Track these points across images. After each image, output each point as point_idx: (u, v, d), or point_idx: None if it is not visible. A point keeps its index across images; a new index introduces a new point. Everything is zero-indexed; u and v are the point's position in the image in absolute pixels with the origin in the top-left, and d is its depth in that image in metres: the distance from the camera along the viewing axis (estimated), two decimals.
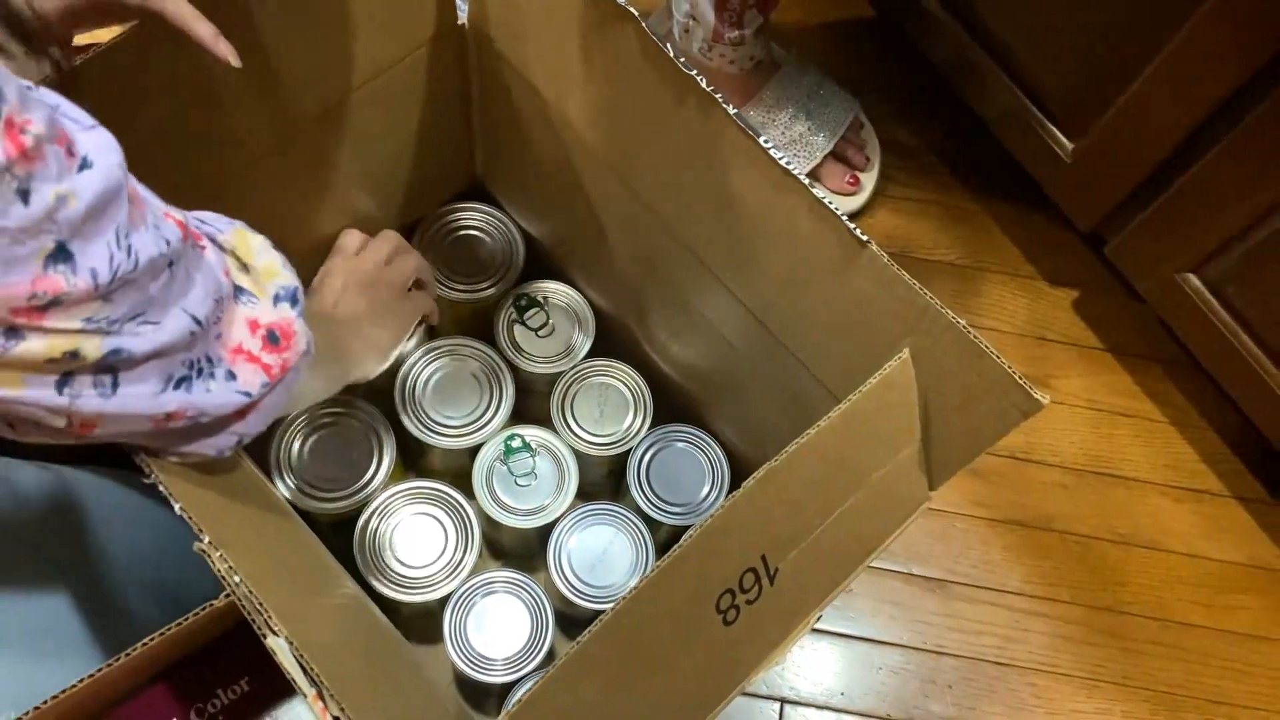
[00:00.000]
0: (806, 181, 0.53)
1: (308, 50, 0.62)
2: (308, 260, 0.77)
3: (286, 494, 0.76)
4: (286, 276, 0.51)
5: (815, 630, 0.93)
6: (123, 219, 0.37)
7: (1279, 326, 0.86)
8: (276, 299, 0.50)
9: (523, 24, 0.66)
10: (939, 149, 1.12)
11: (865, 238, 0.51)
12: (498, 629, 0.76)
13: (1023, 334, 1.05)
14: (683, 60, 0.55)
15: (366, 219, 0.78)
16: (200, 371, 0.45)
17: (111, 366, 0.40)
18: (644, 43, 0.56)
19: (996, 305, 1.06)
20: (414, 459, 0.86)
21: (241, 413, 0.48)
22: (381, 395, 0.80)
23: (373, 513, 0.77)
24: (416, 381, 0.81)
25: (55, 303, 0.35)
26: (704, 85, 0.54)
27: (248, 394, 0.47)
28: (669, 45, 1.02)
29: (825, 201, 0.53)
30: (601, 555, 0.79)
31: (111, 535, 0.56)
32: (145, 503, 0.60)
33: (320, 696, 0.42)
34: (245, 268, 0.49)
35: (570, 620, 0.82)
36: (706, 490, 0.80)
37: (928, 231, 1.08)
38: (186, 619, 0.44)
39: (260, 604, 0.45)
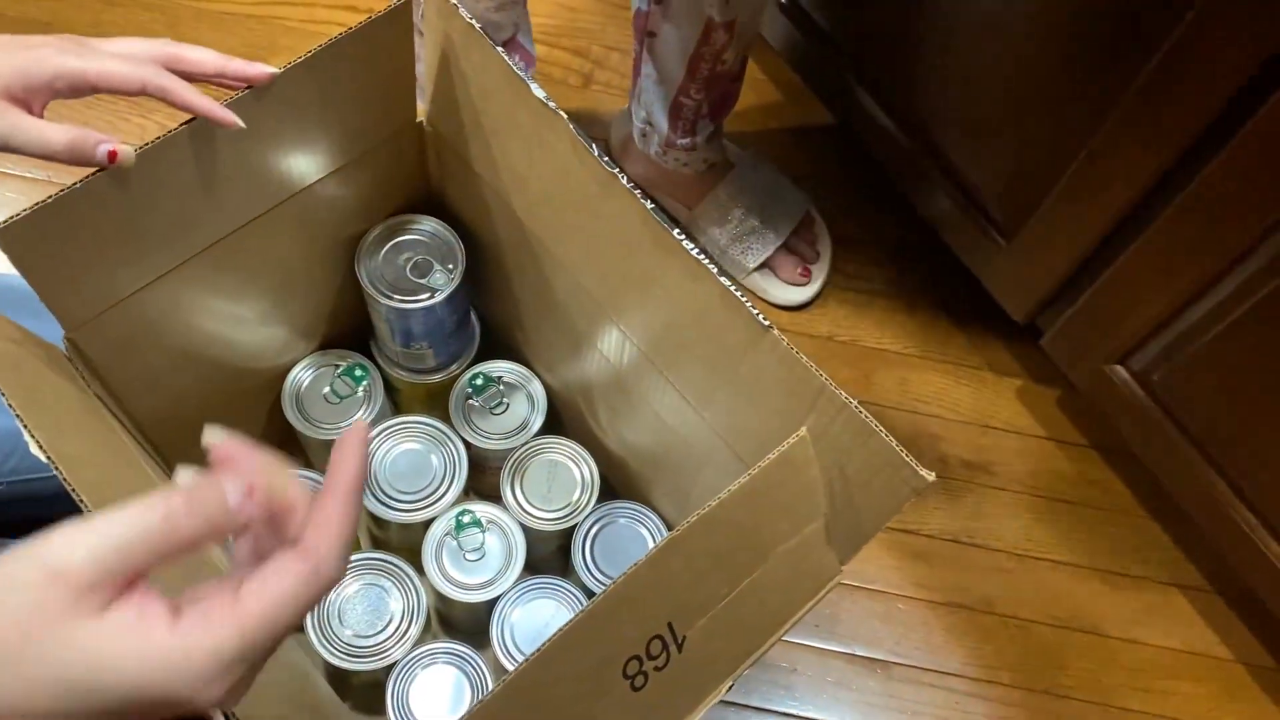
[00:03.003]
0: (714, 270, 0.57)
1: (279, 142, 0.67)
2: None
3: None
4: None
5: (760, 710, 0.95)
6: None
7: (1202, 415, 0.90)
8: None
9: (472, 122, 0.71)
10: (888, 243, 1.17)
11: (767, 323, 0.55)
12: (439, 700, 0.78)
13: (967, 422, 1.09)
14: (606, 160, 0.60)
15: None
16: None
17: None
18: (573, 142, 0.61)
19: (942, 394, 1.10)
20: (368, 532, 0.89)
21: None
22: None
23: None
24: (374, 456, 0.84)
25: None
26: (625, 182, 0.59)
27: None
28: (629, 145, 1.09)
29: (731, 289, 0.57)
30: (544, 628, 0.81)
31: None
32: None
33: None
34: None
35: None
36: None
37: (876, 322, 1.12)
38: None
39: None
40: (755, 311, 0.56)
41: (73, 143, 0.53)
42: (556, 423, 0.88)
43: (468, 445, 0.85)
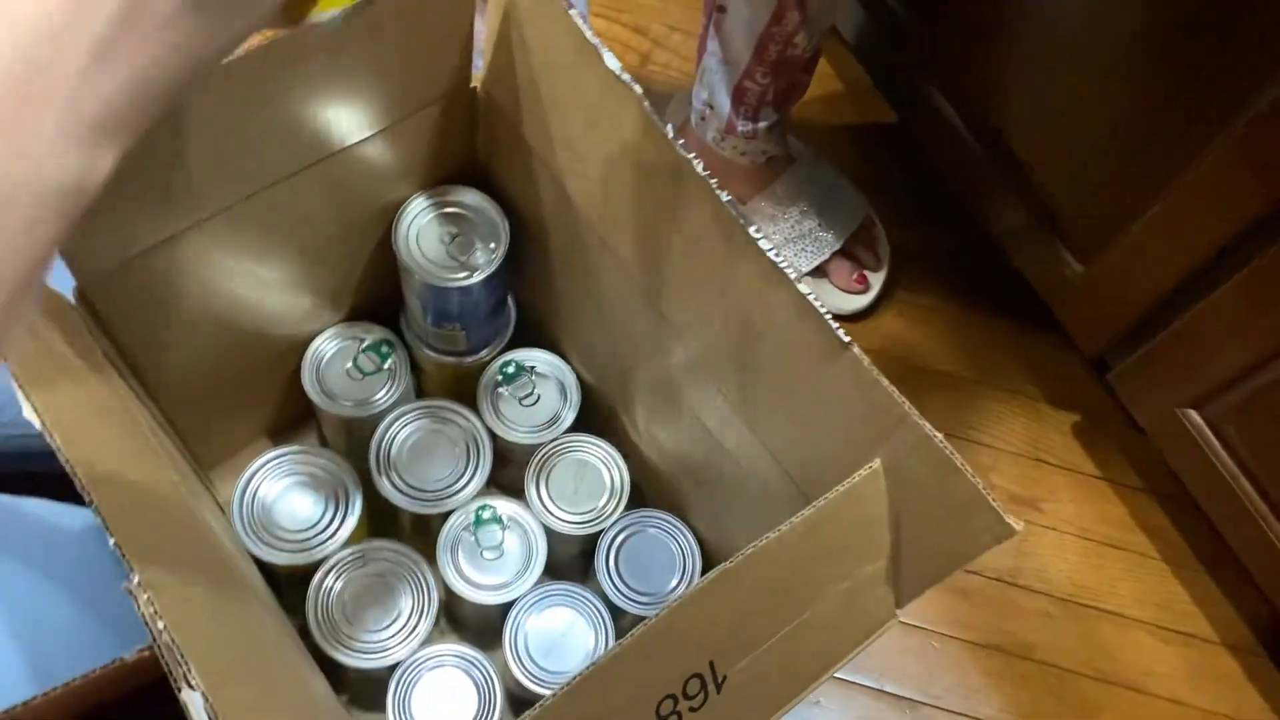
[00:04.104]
0: (793, 275, 0.52)
1: (320, 97, 0.62)
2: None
3: (244, 538, 0.74)
4: None
5: None
6: None
7: (1279, 470, 0.84)
8: None
9: (531, 91, 0.66)
10: (950, 258, 1.11)
11: (848, 339, 0.50)
12: (443, 705, 0.73)
13: (1019, 454, 1.03)
14: (681, 142, 0.54)
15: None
16: None
17: None
18: (644, 120, 0.56)
19: (995, 422, 1.04)
20: (380, 520, 0.84)
21: None
22: (356, 451, 0.79)
23: (329, 571, 0.75)
24: (393, 442, 0.79)
25: None
26: (700, 169, 0.54)
27: None
28: (685, 131, 1.03)
29: (811, 299, 0.51)
30: (560, 638, 0.76)
31: (30, 569, 0.54)
32: (69, 539, 0.58)
33: None
34: None
35: (521, 703, 0.79)
36: (675, 582, 0.78)
37: (930, 340, 1.07)
38: (94, 672, 0.42)
39: (181, 655, 0.43)
40: (835, 325, 0.50)
41: None
42: (588, 420, 0.83)
43: (493, 436, 0.80)
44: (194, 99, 0.53)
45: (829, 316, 0.51)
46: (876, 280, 1.06)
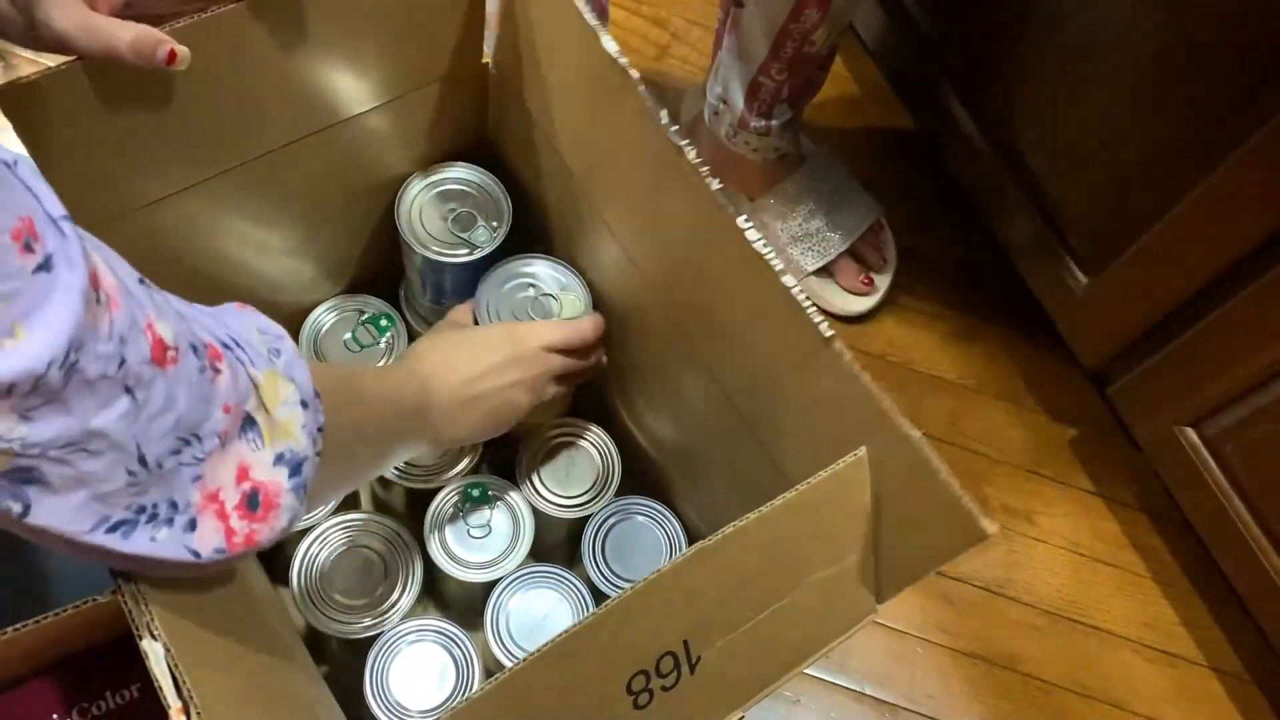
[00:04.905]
0: (779, 267, 0.51)
1: (329, 63, 0.62)
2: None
3: None
4: (300, 441, 0.43)
5: None
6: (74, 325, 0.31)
7: (1276, 496, 0.83)
8: (279, 459, 0.42)
9: (536, 71, 0.66)
10: (955, 265, 1.11)
11: (830, 333, 0.50)
12: (421, 680, 0.73)
13: (1015, 465, 1.03)
14: (675, 129, 0.54)
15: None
16: (153, 518, 0.38)
17: (21, 490, 0.33)
18: (641, 106, 0.56)
19: (992, 432, 1.04)
20: (371, 492, 0.84)
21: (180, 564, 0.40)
22: None
23: (314, 539, 0.75)
24: None
25: None
26: (692, 156, 0.53)
27: (196, 555, 0.40)
28: (697, 125, 1.03)
29: (796, 292, 0.51)
30: (541, 620, 0.76)
31: None
32: None
33: (185, 712, 0.40)
34: (264, 408, 0.42)
35: None
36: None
37: (933, 346, 1.06)
38: (65, 610, 0.42)
39: (145, 602, 0.43)
40: (819, 320, 0.50)
41: (137, 40, 0.49)
42: (582, 403, 0.83)
43: None
44: (200, 56, 0.53)
45: (812, 310, 0.50)
46: (882, 283, 1.06)
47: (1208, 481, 0.87)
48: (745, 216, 0.53)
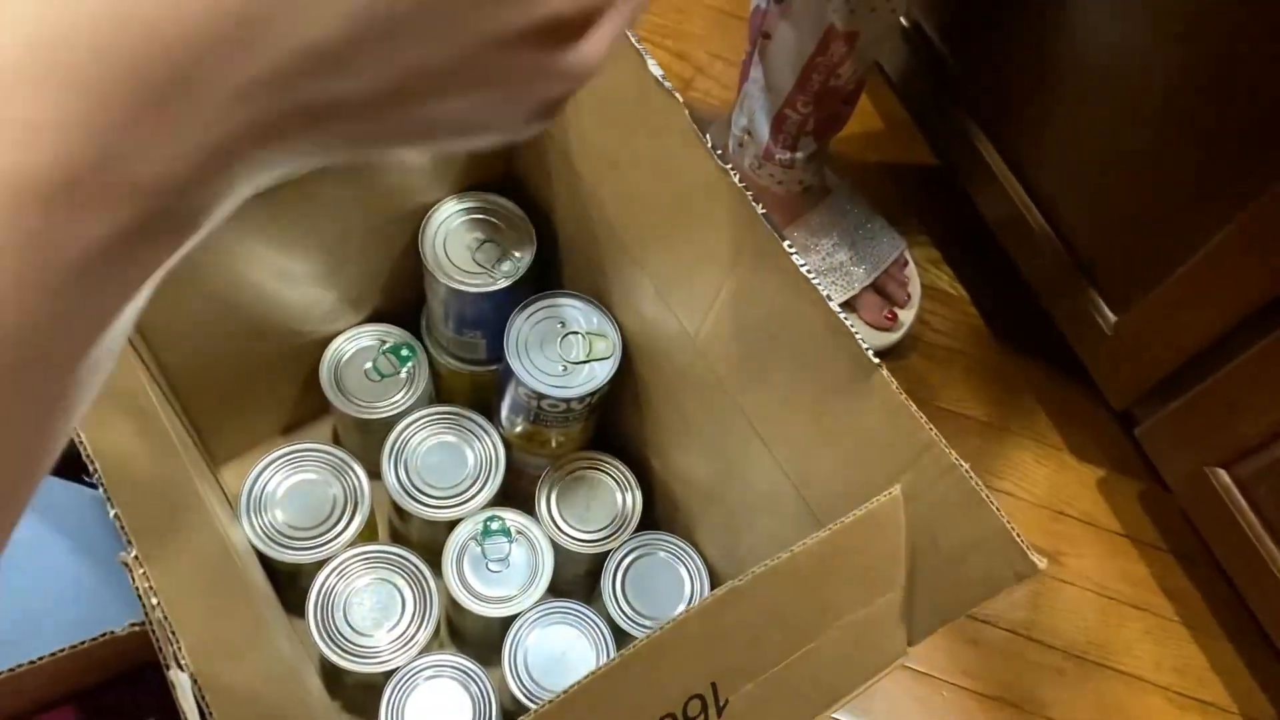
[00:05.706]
0: (825, 293, 0.51)
1: None
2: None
3: (249, 532, 0.73)
4: None
5: None
6: None
7: None
8: None
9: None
10: (980, 302, 1.10)
11: (877, 360, 0.49)
12: (438, 716, 0.71)
13: (1040, 504, 1.01)
14: (719, 152, 0.53)
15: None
16: None
17: None
18: (684, 130, 0.55)
19: (1017, 470, 1.02)
20: (388, 523, 0.83)
21: None
22: (369, 453, 0.78)
23: (331, 571, 0.74)
24: (407, 445, 0.78)
25: None
26: (737, 181, 0.53)
27: None
28: (722, 157, 1.03)
29: (842, 317, 0.50)
30: (560, 657, 0.74)
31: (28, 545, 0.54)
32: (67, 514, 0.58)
33: None
34: None
35: None
36: (682, 608, 0.76)
37: (956, 382, 1.05)
38: (83, 643, 0.41)
39: (173, 633, 0.42)
40: (865, 345, 0.49)
41: None
42: (603, 435, 0.82)
43: (508, 446, 0.79)
44: None
45: (860, 337, 0.49)
46: (906, 317, 1.05)
47: (1240, 523, 0.85)
48: (789, 242, 0.53)
